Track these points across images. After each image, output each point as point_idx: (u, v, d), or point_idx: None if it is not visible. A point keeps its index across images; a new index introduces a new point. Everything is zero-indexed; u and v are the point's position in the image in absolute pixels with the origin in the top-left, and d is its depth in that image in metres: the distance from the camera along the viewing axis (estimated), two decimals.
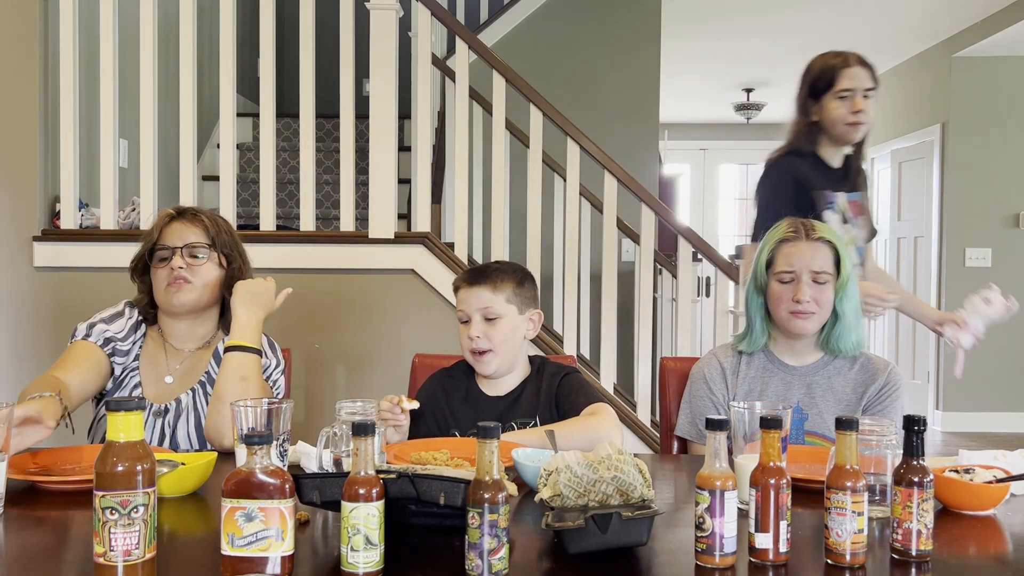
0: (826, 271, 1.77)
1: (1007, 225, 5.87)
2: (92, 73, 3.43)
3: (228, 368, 1.74)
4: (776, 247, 1.82)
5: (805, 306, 1.76)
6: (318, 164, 4.78)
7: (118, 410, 1.00)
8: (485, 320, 1.84)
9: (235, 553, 1.01)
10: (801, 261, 1.77)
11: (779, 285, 1.79)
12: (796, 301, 1.76)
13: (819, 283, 1.77)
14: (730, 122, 8.70)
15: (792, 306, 1.77)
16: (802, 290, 1.76)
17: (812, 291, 1.76)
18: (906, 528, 1.11)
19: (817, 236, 1.79)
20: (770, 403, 1.51)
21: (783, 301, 1.79)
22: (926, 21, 5.59)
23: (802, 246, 1.78)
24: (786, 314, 1.79)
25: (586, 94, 4.87)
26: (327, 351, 3.37)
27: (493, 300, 1.84)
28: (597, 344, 3.66)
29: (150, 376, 1.84)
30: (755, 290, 1.86)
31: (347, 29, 3.35)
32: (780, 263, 1.80)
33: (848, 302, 1.79)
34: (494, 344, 1.83)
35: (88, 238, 3.28)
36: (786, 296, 1.78)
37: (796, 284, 1.77)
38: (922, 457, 1.13)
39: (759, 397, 1.83)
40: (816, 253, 1.78)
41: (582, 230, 4.10)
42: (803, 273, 1.77)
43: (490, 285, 1.85)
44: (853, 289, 1.80)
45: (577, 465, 1.16)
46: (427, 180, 3.47)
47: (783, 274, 1.79)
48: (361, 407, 1.37)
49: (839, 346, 1.81)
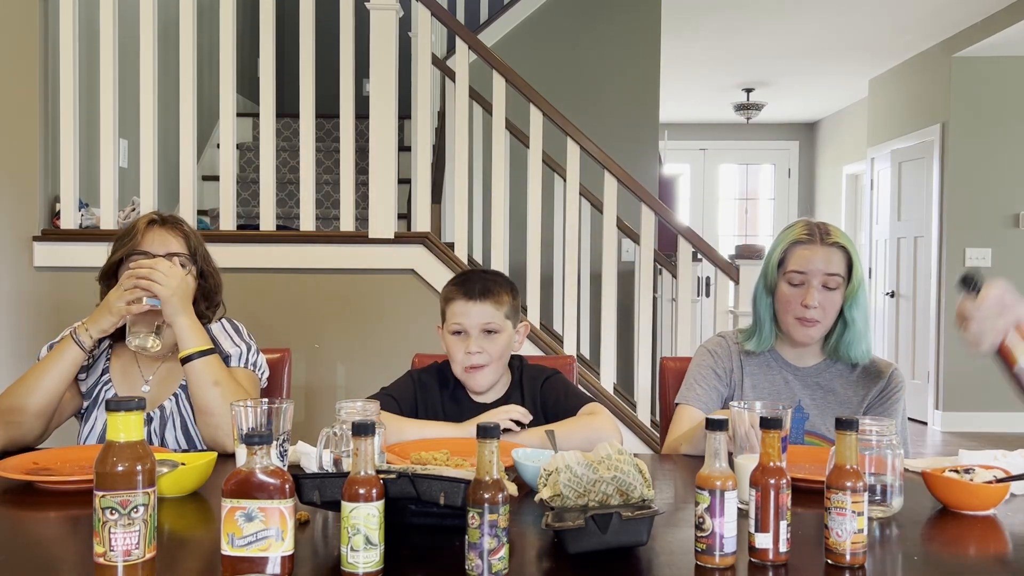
0: (838, 275, 1.75)
1: (1007, 225, 5.87)
2: (92, 73, 3.43)
3: (196, 380, 1.68)
4: (789, 248, 1.79)
5: (812, 313, 1.75)
6: (318, 164, 4.78)
7: (118, 410, 1.00)
8: (484, 335, 1.79)
9: (235, 553, 1.01)
10: (813, 264, 1.75)
11: (788, 287, 1.78)
12: (804, 306, 1.74)
13: (829, 288, 1.75)
14: (730, 122, 8.70)
15: (799, 311, 1.76)
16: (811, 294, 1.74)
17: (821, 296, 1.75)
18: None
19: (832, 241, 1.77)
20: (770, 403, 1.51)
21: (791, 305, 1.77)
22: (926, 21, 5.59)
23: (816, 249, 1.76)
24: (792, 320, 1.78)
25: (586, 94, 4.87)
26: (327, 351, 3.37)
27: (495, 316, 1.79)
28: (597, 344, 3.66)
29: (124, 388, 1.80)
30: (764, 290, 1.83)
31: (347, 29, 3.35)
32: (792, 264, 1.78)
33: (858, 309, 1.77)
34: (491, 359, 1.79)
35: (88, 238, 3.28)
36: (795, 300, 1.76)
37: (806, 288, 1.75)
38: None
39: (761, 394, 1.83)
40: (830, 257, 1.75)
41: (582, 230, 4.11)
42: (814, 277, 1.75)
43: (492, 300, 1.79)
44: (863, 297, 1.78)
45: (577, 465, 1.16)
46: (427, 180, 3.47)
47: (793, 275, 1.77)
48: (361, 407, 1.37)
49: (849, 354, 1.80)
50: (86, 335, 1.67)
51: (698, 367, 1.89)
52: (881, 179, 6.87)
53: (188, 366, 1.69)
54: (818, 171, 9.06)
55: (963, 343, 1.47)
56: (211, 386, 1.68)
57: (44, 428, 1.70)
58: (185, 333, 1.69)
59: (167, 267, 1.68)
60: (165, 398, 1.79)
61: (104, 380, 1.80)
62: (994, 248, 5.86)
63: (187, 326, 1.70)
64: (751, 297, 1.89)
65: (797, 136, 9.18)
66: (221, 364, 1.72)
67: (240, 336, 1.86)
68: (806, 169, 9.22)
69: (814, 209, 9.00)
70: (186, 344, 1.69)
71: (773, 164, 9.30)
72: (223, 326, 1.86)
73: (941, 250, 5.94)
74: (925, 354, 6.09)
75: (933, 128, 6.05)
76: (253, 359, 1.84)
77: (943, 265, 5.91)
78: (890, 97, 6.84)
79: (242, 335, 1.86)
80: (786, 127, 9.13)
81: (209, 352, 1.70)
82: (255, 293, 3.32)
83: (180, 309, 1.69)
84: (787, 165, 9.26)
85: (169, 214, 1.86)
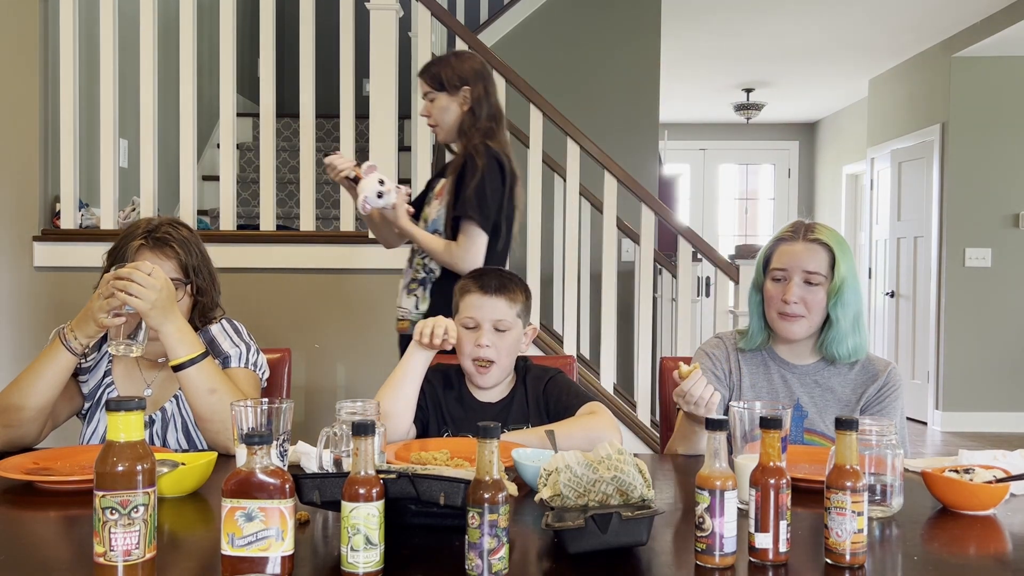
0: (819, 272, 1.77)
1: (1007, 225, 5.87)
2: (92, 73, 3.43)
3: (191, 389, 1.64)
4: (774, 245, 1.84)
5: (792, 308, 1.77)
6: (318, 164, 4.77)
7: (118, 410, 1.00)
8: (495, 331, 1.81)
9: (235, 553, 1.01)
10: (794, 260, 1.78)
11: (772, 284, 1.81)
12: (784, 301, 1.77)
13: (811, 284, 1.77)
14: (730, 122, 8.70)
15: (781, 307, 1.78)
16: (791, 290, 1.76)
17: (801, 291, 1.77)
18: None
19: (813, 237, 1.80)
20: (770, 403, 1.51)
21: (774, 301, 1.80)
22: (926, 21, 5.59)
23: (797, 246, 1.79)
24: (775, 315, 1.80)
25: (586, 94, 4.87)
26: (327, 351, 3.37)
27: (508, 312, 1.82)
28: (597, 344, 3.66)
29: (127, 390, 1.79)
30: (754, 288, 1.87)
31: (347, 29, 3.35)
32: (775, 261, 1.82)
33: (843, 308, 1.77)
34: (500, 355, 1.81)
35: (88, 238, 3.28)
36: (777, 296, 1.79)
37: (787, 283, 1.78)
38: None
39: (760, 392, 1.84)
40: (811, 254, 1.78)
41: (582, 230, 4.11)
42: (795, 273, 1.77)
43: (507, 297, 1.82)
44: (850, 296, 1.78)
45: (577, 465, 1.16)
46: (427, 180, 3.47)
47: (776, 271, 1.80)
48: (361, 407, 1.37)
49: (835, 352, 1.81)
50: (75, 341, 1.63)
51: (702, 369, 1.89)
52: (881, 179, 6.87)
53: (181, 375, 1.64)
54: (818, 171, 9.06)
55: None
56: (207, 394, 1.64)
57: (40, 429, 1.69)
58: (173, 341, 1.62)
59: (143, 277, 1.58)
60: (166, 400, 1.79)
61: (107, 382, 1.80)
62: (994, 248, 5.86)
63: (174, 334, 1.62)
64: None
65: (797, 136, 9.18)
66: (216, 368, 1.68)
67: (240, 336, 1.84)
68: (806, 169, 9.22)
69: (814, 209, 9.00)
70: (176, 352, 1.63)
71: (773, 164, 9.30)
72: (223, 326, 1.85)
73: (941, 250, 5.94)
74: (925, 354, 6.09)
75: (933, 128, 6.05)
76: (253, 359, 1.83)
77: (943, 265, 5.91)
78: (890, 97, 6.84)
79: (242, 335, 1.85)
80: (786, 127, 9.13)
81: (201, 358, 1.64)
82: (255, 293, 3.32)
83: (164, 318, 1.60)
84: (787, 165, 9.27)
85: (162, 229, 1.77)
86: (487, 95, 2.48)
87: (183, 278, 1.75)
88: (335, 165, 2.42)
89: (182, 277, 1.75)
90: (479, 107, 2.45)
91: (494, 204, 2.38)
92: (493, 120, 2.47)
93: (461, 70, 2.47)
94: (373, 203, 2.35)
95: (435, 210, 2.49)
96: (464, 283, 1.87)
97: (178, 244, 1.77)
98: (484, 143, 2.41)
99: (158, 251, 1.75)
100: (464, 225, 2.37)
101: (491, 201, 2.36)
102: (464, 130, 2.46)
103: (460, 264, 2.36)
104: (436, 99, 2.48)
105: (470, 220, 2.35)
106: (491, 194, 2.36)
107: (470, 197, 2.35)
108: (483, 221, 2.36)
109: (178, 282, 1.73)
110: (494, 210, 2.38)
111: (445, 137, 2.52)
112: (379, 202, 2.35)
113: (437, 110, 2.48)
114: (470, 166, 2.37)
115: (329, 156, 2.45)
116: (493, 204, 2.37)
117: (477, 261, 2.36)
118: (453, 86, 2.45)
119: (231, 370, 1.77)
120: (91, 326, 1.62)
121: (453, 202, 2.39)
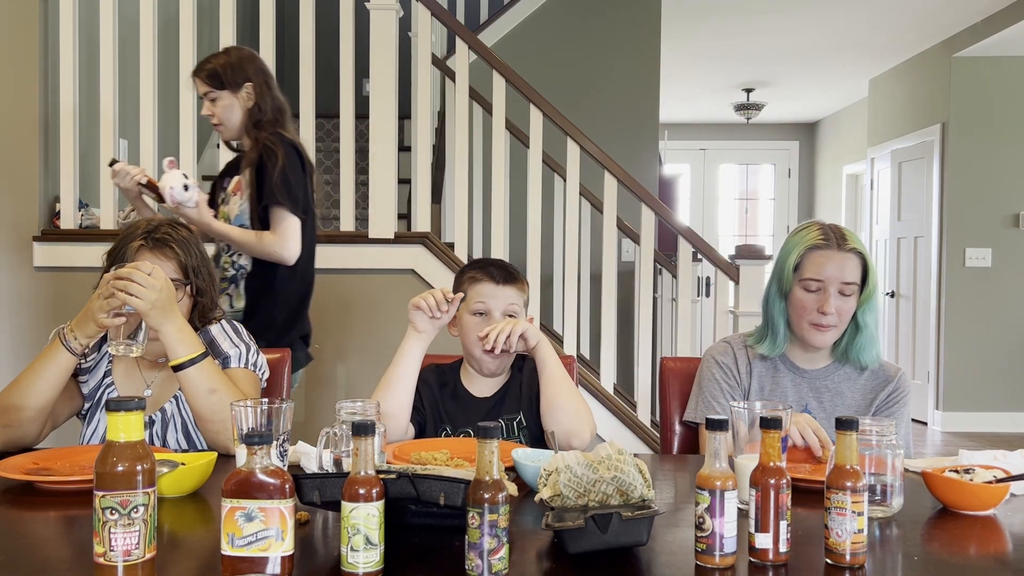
0: (854, 282, 1.75)
1: (1007, 225, 5.87)
2: (92, 73, 3.43)
3: (191, 389, 1.64)
4: (805, 253, 1.77)
5: (828, 319, 1.74)
6: (318, 164, 4.76)
7: (118, 410, 1.00)
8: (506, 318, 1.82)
9: (235, 553, 1.01)
10: (831, 271, 1.74)
11: (804, 293, 1.76)
12: (821, 312, 1.73)
13: (845, 295, 1.74)
14: (730, 122, 8.70)
15: (815, 317, 1.75)
16: (829, 302, 1.73)
17: (837, 302, 1.74)
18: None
19: (849, 247, 1.76)
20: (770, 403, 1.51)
21: (807, 311, 1.76)
22: (926, 21, 5.59)
23: (833, 255, 1.75)
24: (807, 325, 1.76)
25: (586, 94, 4.87)
26: (327, 351, 3.37)
27: (517, 300, 1.85)
28: (597, 344, 3.66)
29: (127, 390, 1.79)
30: (778, 294, 1.81)
31: (347, 29, 3.35)
32: (808, 270, 1.76)
33: (871, 314, 1.77)
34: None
35: (88, 238, 3.28)
36: (810, 306, 1.75)
37: (823, 294, 1.74)
38: None
39: (769, 396, 1.82)
40: (846, 264, 1.74)
41: (582, 230, 4.11)
42: (831, 284, 1.74)
43: (516, 286, 1.85)
44: (877, 301, 1.79)
45: (577, 465, 1.16)
46: (427, 180, 3.47)
47: (810, 282, 1.75)
48: (361, 407, 1.37)
49: (859, 358, 1.79)
50: (75, 341, 1.64)
51: (710, 381, 1.86)
52: (881, 179, 6.87)
53: (181, 375, 1.64)
54: (818, 171, 9.06)
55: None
56: (207, 394, 1.64)
57: (40, 429, 1.69)
58: (173, 341, 1.63)
59: (143, 277, 1.58)
60: (166, 400, 1.79)
61: (107, 383, 1.79)
62: (994, 248, 5.86)
63: (174, 334, 1.63)
64: (761, 299, 1.88)
65: (797, 136, 9.19)
66: (216, 368, 1.68)
67: (239, 336, 1.84)
68: (806, 169, 9.22)
69: (814, 209, 9.00)
70: (176, 353, 1.63)
71: (773, 164, 9.30)
72: (222, 326, 1.85)
73: (941, 250, 5.94)
74: (925, 354, 6.09)
75: (933, 128, 6.05)
76: (253, 359, 1.83)
77: (943, 265, 5.91)
78: (890, 97, 6.83)
79: (241, 335, 1.85)
80: (786, 127, 9.13)
81: (201, 358, 1.65)
82: None
83: (163, 318, 1.61)
84: (787, 165, 9.27)
85: (162, 230, 1.77)
86: (269, 88, 2.48)
87: (183, 279, 1.75)
88: (128, 171, 2.37)
89: (182, 278, 1.75)
90: (263, 101, 2.45)
91: (300, 189, 2.38)
92: (279, 113, 2.48)
93: (241, 67, 2.46)
94: (180, 196, 2.28)
95: (236, 206, 2.47)
96: (472, 273, 1.88)
97: (178, 245, 1.77)
98: (277, 133, 2.42)
99: (158, 252, 1.74)
100: (276, 212, 2.36)
101: (296, 187, 2.37)
102: (252, 125, 2.45)
103: (279, 251, 2.35)
104: (218, 98, 2.45)
105: (281, 206, 2.35)
106: (295, 180, 2.37)
107: (277, 184, 2.34)
108: (293, 206, 2.36)
109: (178, 283, 1.73)
110: (301, 195, 2.39)
111: (231, 135, 2.50)
112: (185, 195, 2.29)
113: (221, 109, 2.45)
114: (269, 156, 2.37)
115: (118, 163, 2.40)
116: (299, 189, 2.38)
117: (294, 246, 2.36)
118: (235, 83, 2.44)
119: (231, 370, 1.77)
120: (91, 326, 1.61)
121: (257, 194, 2.38)
